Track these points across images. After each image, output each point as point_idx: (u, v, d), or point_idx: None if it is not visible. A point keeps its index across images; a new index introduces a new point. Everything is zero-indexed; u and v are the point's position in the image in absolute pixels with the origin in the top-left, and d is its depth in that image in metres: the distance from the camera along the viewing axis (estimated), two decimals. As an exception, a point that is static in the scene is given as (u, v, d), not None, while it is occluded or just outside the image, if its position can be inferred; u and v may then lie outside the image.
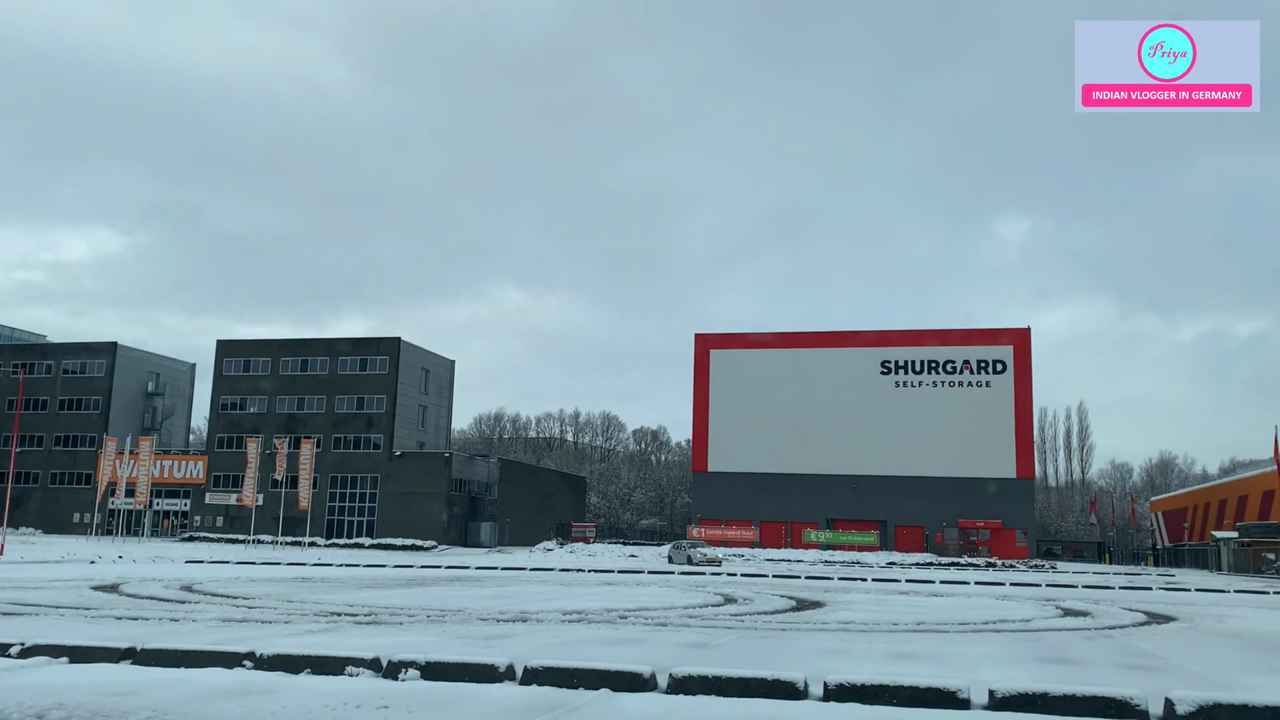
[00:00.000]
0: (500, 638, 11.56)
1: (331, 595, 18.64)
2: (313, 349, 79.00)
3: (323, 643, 10.29)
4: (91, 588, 19.10)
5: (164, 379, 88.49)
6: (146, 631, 11.04)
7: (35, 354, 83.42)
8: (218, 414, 79.61)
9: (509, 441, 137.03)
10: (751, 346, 76.50)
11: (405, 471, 74.07)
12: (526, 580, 27.71)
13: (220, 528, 75.53)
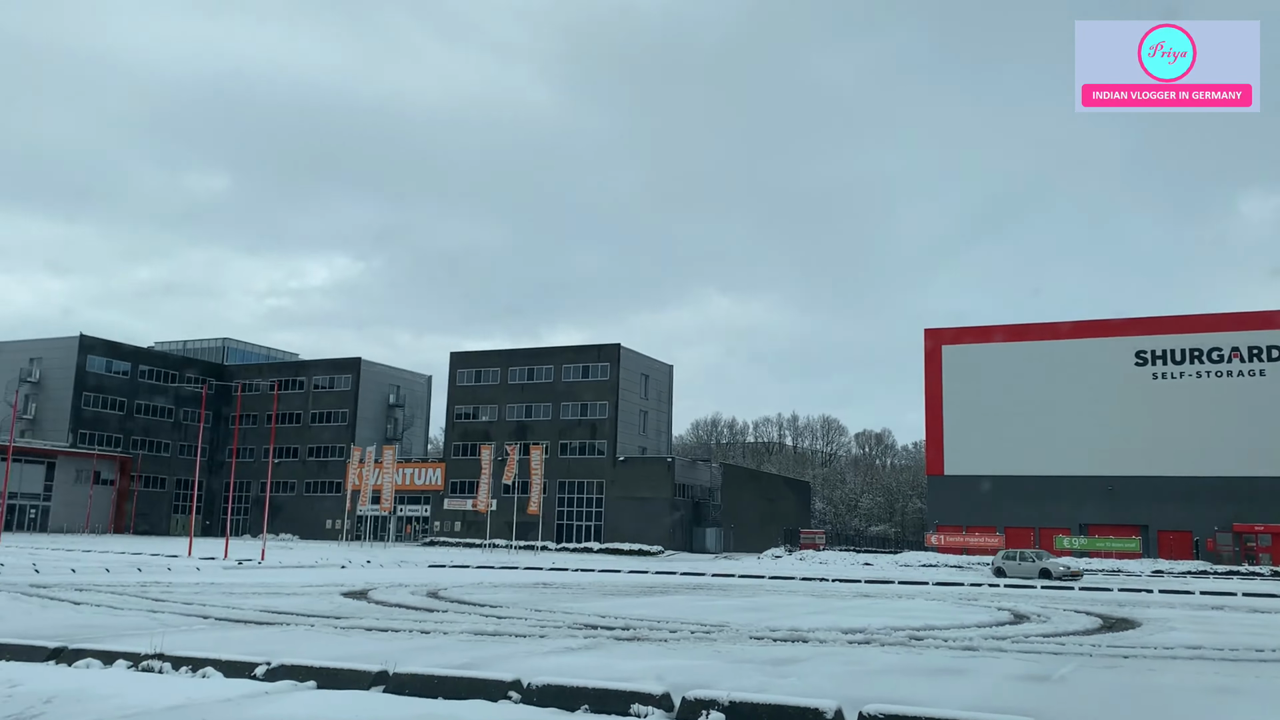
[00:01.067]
0: (788, 662, 9.81)
1: (578, 604, 17.50)
2: (538, 358, 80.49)
3: (588, 666, 8.94)
4: (342, 594, 18.84)
5: (403, 391, 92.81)
6: (396, 647, 10.00)
7: (289, 371, 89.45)
8: (452, 423, 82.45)
9: (727, 447, 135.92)
10: (986, 340, 71.37)
11: (629, 476, 73.93)
12: (772, 589, 25.88)
13: (458, 532, 78.01)
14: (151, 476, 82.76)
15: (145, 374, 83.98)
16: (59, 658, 8.33)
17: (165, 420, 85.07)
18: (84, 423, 78.48)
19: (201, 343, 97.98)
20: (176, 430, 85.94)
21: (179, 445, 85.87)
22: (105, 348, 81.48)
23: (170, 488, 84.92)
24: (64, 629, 10.91)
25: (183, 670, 7.76)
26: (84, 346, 79.46)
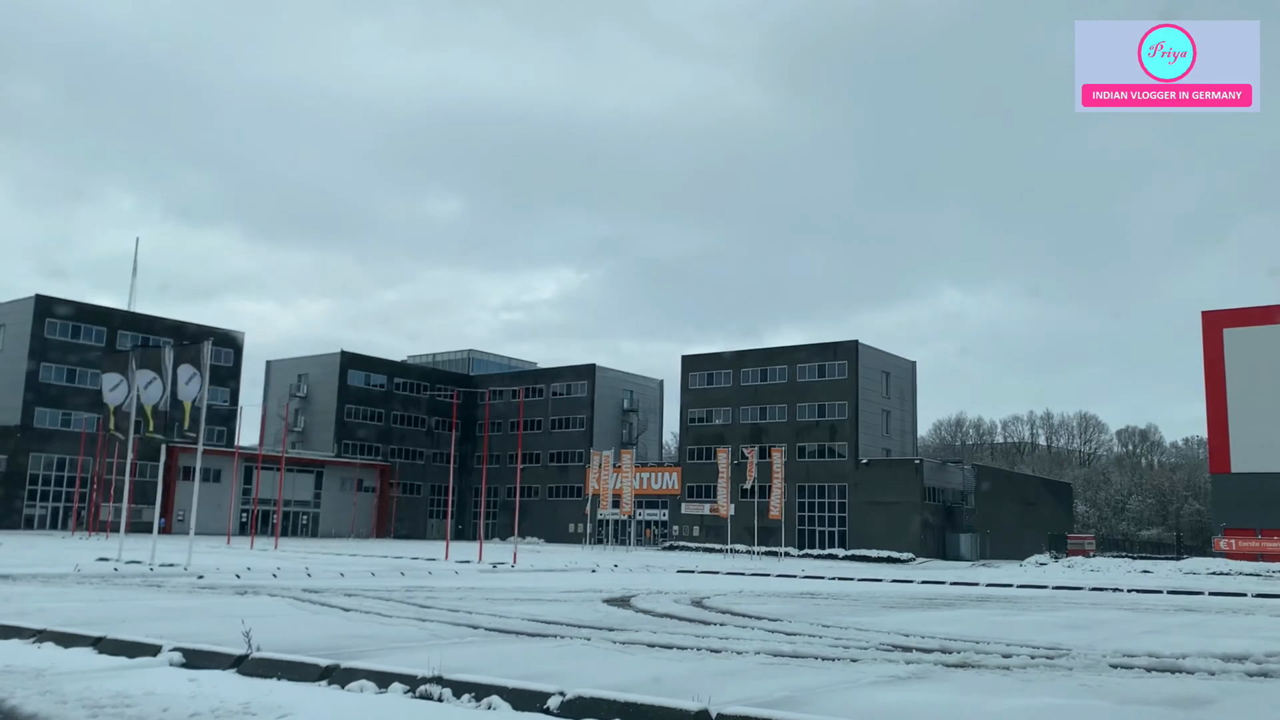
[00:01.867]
0: (1193, 704, 7.60)
1: (862, 618, 15.59)
2: (771, 358, 78.55)
3: (942, 704, 7.18)
4: (603, 600, 17.83)
5: (637, 396, 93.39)
6: (688, 669, 8.56)
7: (530, 379, 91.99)
8: (686, 426, 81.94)
9: (973, 448, 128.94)
10: (1274, 321, 63.22)
11: (873, 480, 70.59)
12: (1070, 602, 22.86)
13: (697, 537, 77.22)
14: (408, 483, 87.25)
15: (400, 386, 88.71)
16: (330, 677, 7.40)
17: (419, 429, 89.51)
18: (347, 433, 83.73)
19: (449, 355, 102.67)
20: (429, 438, 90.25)
21: (431, 453, 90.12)
22: (364, 363, 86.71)
23: (425, 494, 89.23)
24: (334, 640, 10.22)
25: (465, 699, 6.62)
26: (345, 362, 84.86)
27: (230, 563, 31.46)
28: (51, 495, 66.02)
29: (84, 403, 67.49)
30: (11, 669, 7.58)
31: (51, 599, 15.76)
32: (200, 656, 8.31)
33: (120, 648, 8.75)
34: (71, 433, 66.33)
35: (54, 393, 66.81)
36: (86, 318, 69.16)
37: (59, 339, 67.62)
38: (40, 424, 65.89)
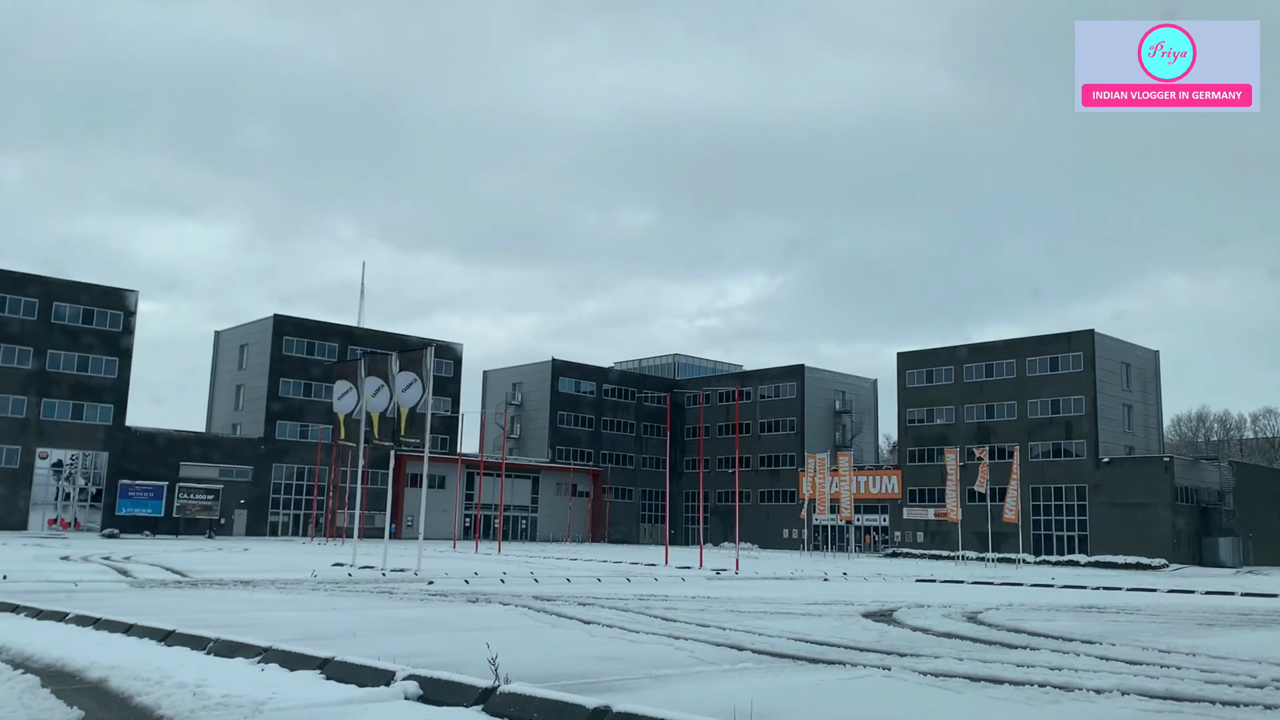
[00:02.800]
0: None
1: (1190, 639, 12.89)
2: (995, 352, 73.48)
3: None
4: (862, 614, 15.82)
5: (849, 396, 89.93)
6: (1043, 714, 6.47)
7: (736, 382, 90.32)
8: (905, 427, 77.94)
9: (1218, 444, 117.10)
10: None
11: (1116, 480, 64.50)
12: None
13: (920, 543, 73.19)
14: (619, 488, 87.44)
15: (608, 392, 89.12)
16: (602, 720, 5.83)
17: (628, 434, 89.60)
18: (560, 439, 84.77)
19: (654, 360, 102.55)
20: (638, 443, 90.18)
21: (641, 458, 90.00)
22: (573, 370, 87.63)
23: (637, 499, 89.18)
24: (584, 664, 8.80)
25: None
26: (556, 370, 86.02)
27: (457, 567, 31.37)
28: (293, 503, 69.91)
29: (319, 415, 71.06)
30: (229, 701, 6.55)
31: (284, 606, 15.32)
32: (439, 688, 7.01)
33: (349, 673, 7.61)
34: (308, 444, 70.00)
35: (292, 406, 70.81)
36: (319, 334, 73.01)
37: (295, 355, 71.65)
38: (281, 436, 69.95)
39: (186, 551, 38.65)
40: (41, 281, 61.53)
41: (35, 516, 59.21)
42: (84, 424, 61.74)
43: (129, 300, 64.70)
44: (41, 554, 33.72)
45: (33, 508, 59.32)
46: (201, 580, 22.21)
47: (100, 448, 62.23)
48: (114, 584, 19.30)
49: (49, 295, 61.20)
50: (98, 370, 62.60)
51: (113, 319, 63.67)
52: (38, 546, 40.19)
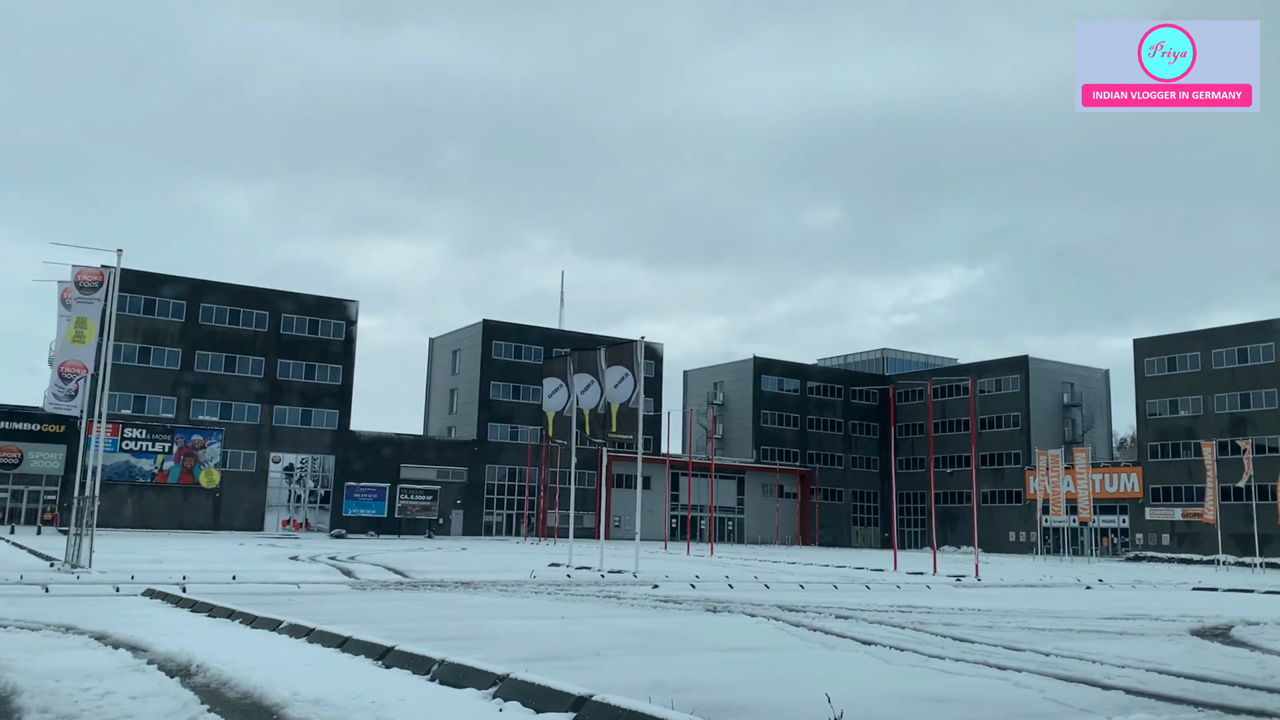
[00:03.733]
0: None
1: None
2: (1251, 335, 65.89)
3: None
4: (1190, 632, 12.94)
5: (1078, 389, 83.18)
6: None
7: (950, 375, 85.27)
8: (1145, 420, 71.10)
9: None
10: None
11: None
12: None
13: (1166, 545, 66.54)
14: (828, 489, 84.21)
15: (813, 390, 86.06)
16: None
17: (835, 433, 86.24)
18: (764, 439, 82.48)
19: (860, 356, 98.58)
20: (846, 442, 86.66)
21: (850, 457, 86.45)
22: (776, 368, 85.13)
23: (847, 500, 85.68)
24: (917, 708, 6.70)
25: None
26: (758, 367, 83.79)
27: (674, 569, 29.83)
28: (505, 503, 70.92)
29: (527, 416, 71.83)
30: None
31: (510, 613, 14.00)
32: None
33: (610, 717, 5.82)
34: (518, 445, 70.86)
35: (502, 408, 71.90)
36: (525, 338, 73.89)
37: (503, 359, 72.76)
38: (493, 438, 71.12)
39: (408, 551, 39.01)
40: (271, 295, 64.91)
41: (271, 518, 62.41)
42: (312, 429, 64.65)
43: (350, 310, 67.37)
44: (273, 554, 34.63)
45: (268, 509, 62.56)
46: (422, 581, 21.53)
47: (327, 451, 64.99)
48: (336, 585, 18.74)
49: (278, 308, 64.47)
50: (323, 377, 65.43)
51: (335, 328, 66.44)
52: (271, 546, 41.67)
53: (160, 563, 26.70)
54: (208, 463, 59.99)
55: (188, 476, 59.44)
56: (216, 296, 62.81)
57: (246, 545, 42.55)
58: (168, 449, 59.02)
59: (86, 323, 23.30)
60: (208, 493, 59.99)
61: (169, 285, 61.22)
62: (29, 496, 55.61)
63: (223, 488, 60.39)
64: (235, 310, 63.27)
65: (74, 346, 23.27)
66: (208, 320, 62.30)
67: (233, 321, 63.11)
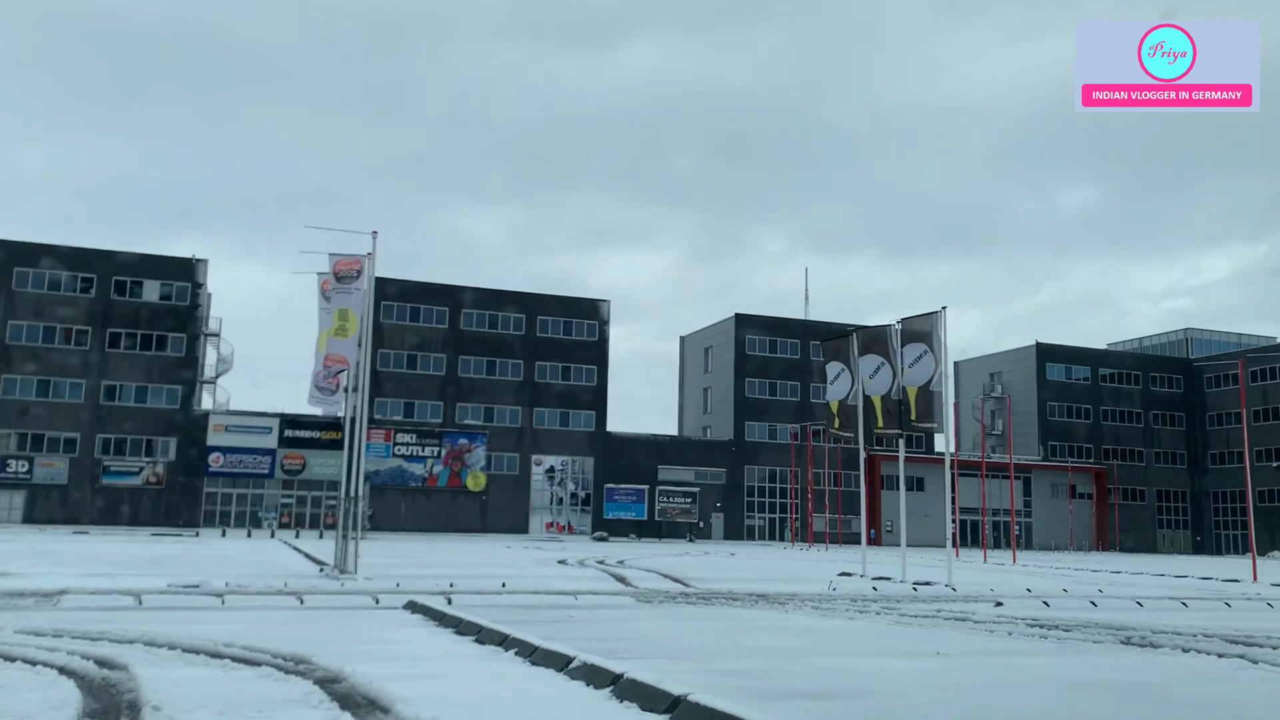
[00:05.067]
0: None
1: None
2: None
3: None
4: None
5: None
6: None
7: (1270, 355, 73.83)
8: None
9: None
10: None
11: None
12: None
13: None
14: (1128, 488, 74.97)
15: (1105, 378, 77.01)
16: None
17: (1134, 426, 76.78)
18: (1051, 434, 74.55)
19: (1159, 338, 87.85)
20: (1147, 436, 76.98)
21: (1153, 452, 76.72)
22: (1062, 354, 76.83)
23: (1150, 500, 76.01)
24: None
25: None
26: (1042, 355, 75.91)
27: (992, 581, 25.37)
28: (766, 506, 67.65)
29: (785, 414, 68.36)
30: None
31: (851, 644, 10.57)
32: None
33: None
34: (778, 444, 67.47)
35: (758, 406, 68.68)
36: (779, 331, 70.36)
37: (757, 355, 69.54)
38: (750, 437, 68.04)
39: (675, 556, 36.44)
40: (528, 299, 64.95)
41: (534, 520, 62.24)
42: (570, 431, 64.05)
43: (602, 310, 66.42)
44: (540, 557, 32.99)
45: (532, 512, 62.43)
46: (708, 592, 18.51)
47: (585, 453, 64.19)
48: (615, 597, 16.00)
49: (535, 311, 64.38)
50: (579, 379, 64.74)
51: (589, 329, 65.65)
52: (537, 549, 40.44)
53: (428, 567, 25.33)
54: (474, 466, 60.55)
55: (456, 480, 60.21)
56: (476, 301, 63.48)
57: (513, 548, 41.58)
58: (436, 453, 60.02)
59: (348, 315, 22.03)
60: (475, 496, 60.53)
61: (432, 294, 62.39)
62: (312, 501, 58.00)
63: (489, 490, 60.75)
64: (494, 315, 63.71)
65: (337, 340, 22.05)
66: (469, 325, 63.04)
67: (492, 326, 63.57)
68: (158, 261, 57.92)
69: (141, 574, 19.96)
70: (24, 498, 53.08)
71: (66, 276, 55.65)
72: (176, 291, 57.68)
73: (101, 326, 55.83)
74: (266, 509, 57.11)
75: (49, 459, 53.80)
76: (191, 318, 57.93)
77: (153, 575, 19.20)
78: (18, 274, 54.84)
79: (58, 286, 55.53)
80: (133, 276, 56.77)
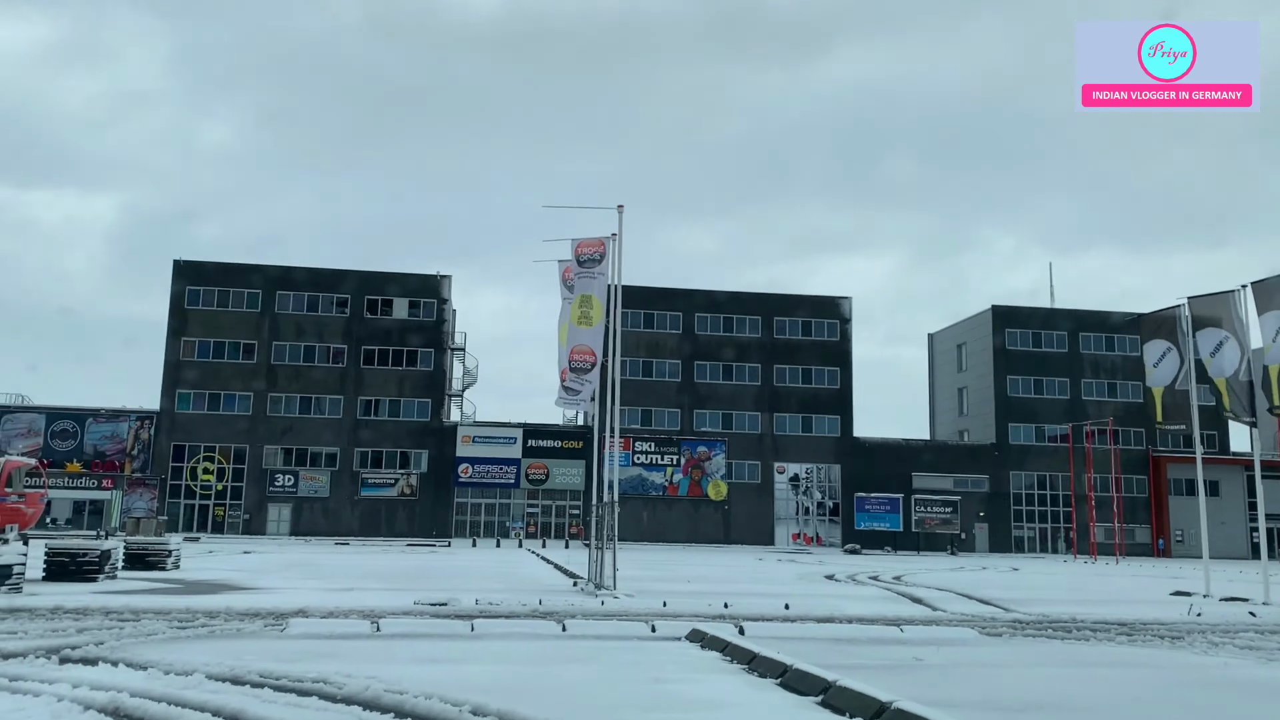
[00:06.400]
0: None
1: None
2: None
3: None
4: None
5: None
6: None
7: None
8: None
9: None
10: None
11: None
12: None
13: None
14: None
15: None
16: None
17: None
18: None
19: None
20: None
21: None
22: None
23: None
24: None
25: None
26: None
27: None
28: (1035, 515, 61.34)
29: (1054, 413, 61.95)
30: None
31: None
32: None
33: None
34: (1045, 447, 61.17)
35: (1022, 406, 62.49)
36: (1047, 322, 63.87)
37: (1019, 349, 63.35)
38: (1014, 440, 61.98)
39: (952, 571, 32.33)
40: (765, 300, 62.07)
41: (779, 531, 59.08)
42: (813, 437, 60.50)
43: (843, 308, 62.52)
44: (803, 572, 29.90)
45: (776, 522, 59.29)
46: (1039, 617, 14.83)
47: (831, 460, 60.42)
48: (949, 629, 12.67)
49: (770, 312, 61.38)
50: (821, 381, 61.12)
51: (830, 328, 61.91)
52: (791, 563, 37.36)
53: (686, 582, 22.86)
54: (714, 474, 58.19)
55: (696, 489, 58.06)
56: (710, 305, 61.23)
57: (765, 560, 38.70)
58: (675, 461, 58.13)
59: (591, 300, 19.93)
60: (716, 505, 58.12)
61: (665, 299, 60.68)
62: (556, 511, 57.45)
63: (730, 500, 58.20)
64: (729, 318, 61.21)
65: (580, 330, 20.00)
66: (703, 330, 60.87)
67: (727, 329, 61.10)
68: (405, 279, 59.36)
69: (389, 588, 18.59)
70: (290, 510, 55.44)
71: (323, 297, 57.97)
72: (424, 307, 58.89)
73: (356, 344, 57.74)
74: (513, 519, 57.09)
75: (312, 473, 55.98)
76: (438, 332, 58.95)
77: (400, 590, 17.73)
78: (279, 297, 57.61)
79: (315, 307, 57.91)
80: (382, 295, 58.43)
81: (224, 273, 57.93)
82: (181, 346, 56.17)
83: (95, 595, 14.97)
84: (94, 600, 13.85)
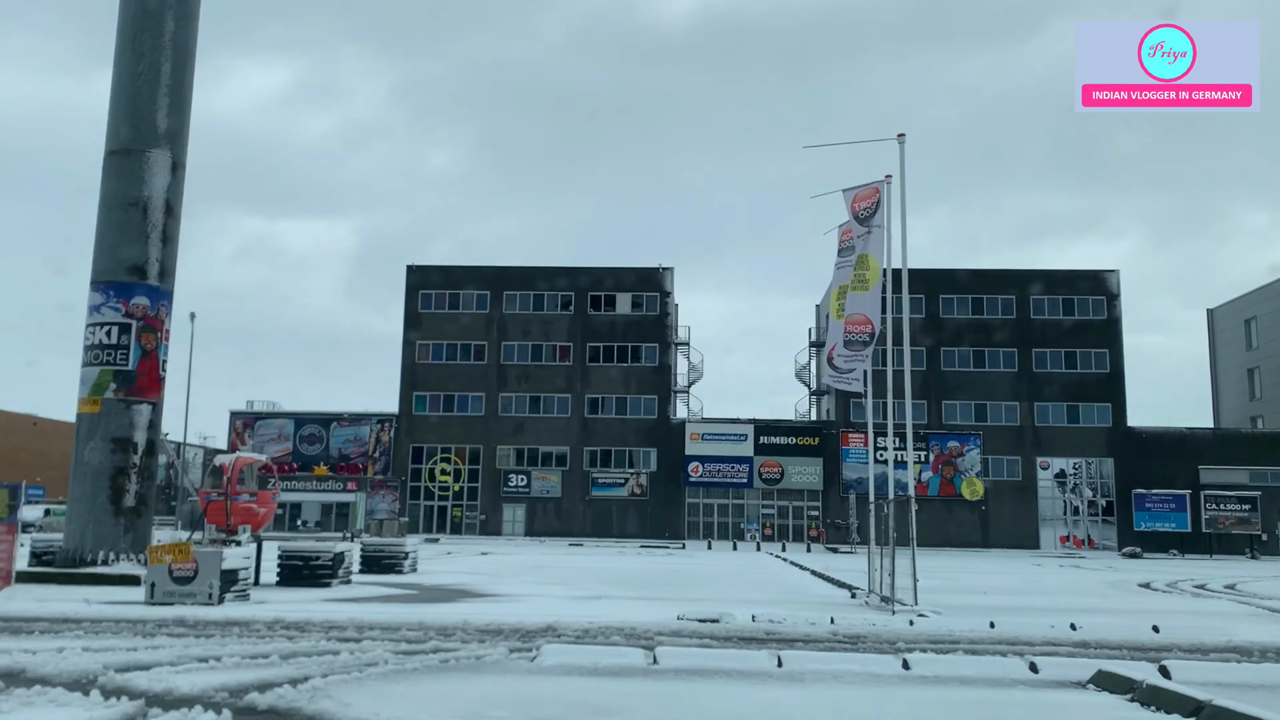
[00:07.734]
0: None
1: None
2: None
3: None
4: None
5: None
6: None
7: None
8: None
9: None
10: None
11: None
12: None
13: None
14: None
15: None
16: None
17: None
18: None
19: None
20: None
21: None
22: None
23: None
24: None
25: None
26: None
27: None
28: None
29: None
30: None
31: None
32: None
33: None
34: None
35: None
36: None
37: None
38: (1325, 427, 53.19)
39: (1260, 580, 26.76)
40: (1018, 276, 56.31)
41: (1045, 533, 53.12)
42: (1079, 427, 54.12)
43: (1110, 282, 55.69)
44: (1107, 580, 25.43)
45: (1041, 523, 53.39)
46: None
47: (1102, 454, 53.88)
48: None
49: (1025, 290, 55.57)
50: (1087, 365, 54.64)
51: (1095, 306, 55.29)
52: (1075, 569, 32.64)
53: (984, 593, 19.31)
54: (968, 471, 53.06)
55: (948, 488, 53.13)
56: (956, 285, 56.09)
57: (1044, 566, 34.07)
58: (924, 458, 53.43)
59: (868, 261, 16.76)
60: (972, 505, 52.96)
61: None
62: (793, 512, 54.14)
63: (987, 499, 52.93)
64: (978, 298, 55.85)
65: (856, 296, 16.90)
66: (948, 312, 55.83)
67: (976, 310, 55.77)
68: (626, 274, 57.84)
69: (640, 596, 16.25)
70: (524, 510, 55.00)
71: (548, 295, 57.33)
72: (646, 301, 57.17)
73: (581, 341, 56.70)
74: (747, 520, 54.26)
75: (544, 473, 55.32)
76: (662, 326, 57.05)
77: (652, 599, 15.32)
78: (506, 297, 57.45)
79: (541, 306, 57.35)
80: (604, 290, 57.16)
81: (452, 276, 58.40)
82: (416, 350, 56.97)
83: (323, 603, 13.30)
84: (319, 610, 12.08)
